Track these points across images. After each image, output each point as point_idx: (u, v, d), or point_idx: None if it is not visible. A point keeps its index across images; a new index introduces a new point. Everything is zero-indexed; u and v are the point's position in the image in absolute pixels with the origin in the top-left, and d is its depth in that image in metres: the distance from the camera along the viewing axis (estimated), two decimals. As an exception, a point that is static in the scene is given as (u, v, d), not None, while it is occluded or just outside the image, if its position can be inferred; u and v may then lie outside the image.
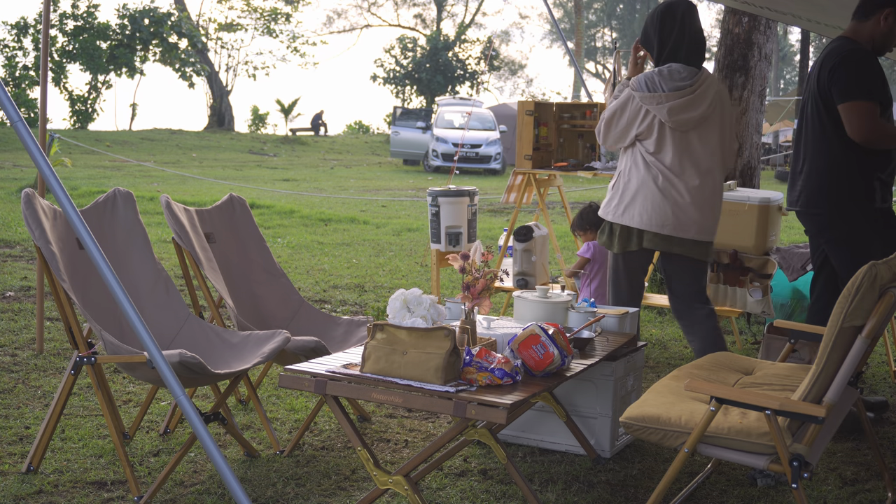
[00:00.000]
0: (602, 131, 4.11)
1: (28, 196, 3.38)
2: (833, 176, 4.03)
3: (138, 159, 20.96)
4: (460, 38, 38.62)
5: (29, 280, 6.99)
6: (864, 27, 4.03)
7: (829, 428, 2.91)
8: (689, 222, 4.03)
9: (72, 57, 29.77)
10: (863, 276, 2.65)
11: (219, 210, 4.27)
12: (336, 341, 4.02)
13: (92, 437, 3.80)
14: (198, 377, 3.24)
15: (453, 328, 2.88)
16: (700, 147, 4.00)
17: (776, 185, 17.98)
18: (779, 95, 38.13)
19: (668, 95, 3.91)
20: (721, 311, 5.55)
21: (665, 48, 3.99)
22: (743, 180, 7.30)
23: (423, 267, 8.34)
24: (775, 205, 5.38)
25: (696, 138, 3.99)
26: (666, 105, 3.90)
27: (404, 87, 38.24)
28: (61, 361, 4.89)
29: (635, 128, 3.99)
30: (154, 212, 10.86)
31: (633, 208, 4.04)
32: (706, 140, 4.01)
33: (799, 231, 11.34)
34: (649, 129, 3.96)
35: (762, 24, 7.23)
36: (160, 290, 3.83)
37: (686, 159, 3.99)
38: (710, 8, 51.99)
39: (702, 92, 3.97)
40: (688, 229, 4.03)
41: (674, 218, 4.00)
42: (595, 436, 3.72)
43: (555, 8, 46.35)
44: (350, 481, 3.45)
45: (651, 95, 3.92)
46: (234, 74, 39.55)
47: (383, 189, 17.27)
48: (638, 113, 3.97)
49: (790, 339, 3.57)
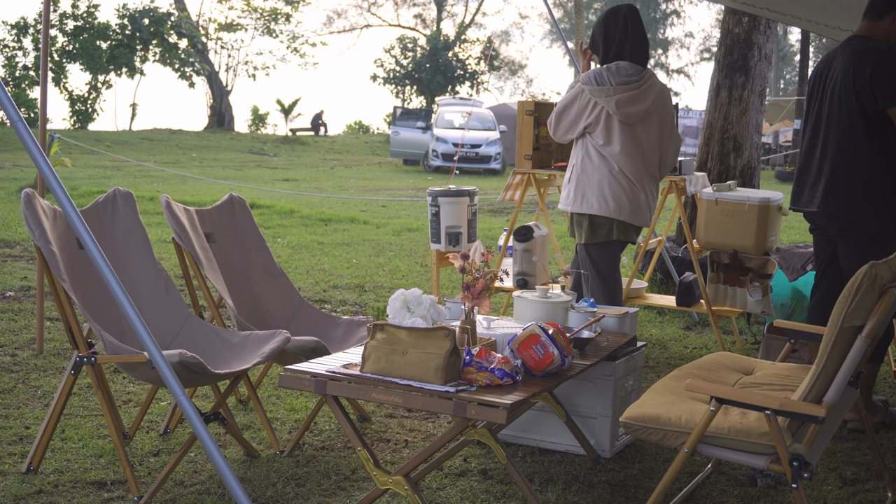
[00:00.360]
0: (553, 123, 4.36)
1: (28, 196, 3.38)
2: (862, 176, 4.02)
3: (138, 159, 20.96)
4: (460, 38, 38.63)
5: (29, 280, 6.99)
6: (879, 26, 4.03)
7: (829, 428, 2.91)
8: (642, 210, 4.31)
9: (72, 57, 29.77)
10: (863, 276, 2.65)
11: (219, 210, 4.27)
12: (336, 341, 4.02)
13: (92, 437, 3.80)
14: (198, 377, 3.24)
15: (453, 328, 2.88)
16: (645, 140, 4.26)
17: (776, 185, 17.97)
18: (779, 95, 38.13)
19: (615, 89, 4.16)
20: (721, 311, 5.55)
21: (610, 49, 4.25)
22: (743, 180, 7.30)
23: (423, 267, 8.34)
24: (775, 205, 5.38)
25: (642, 131, 4.25)
26: (614, 98, 4.14)
27: (404, 87, 38.25)
28: (61, 361, 4.89)
29: (584, 119, 4.23)
30: (154, 212, 10.87)
31: (594, 198, 4.26)
32: (649, 134, 4.28)
33: (799, 231, 11.34)
34: (597, 120, 4.21)
35: (762, 24, 7.23)
36: (160, 290, 3.83)
37: (634, 150, 4.24)
38: (710, 8, 52.03)
39: (647, 88, 4.22)
40: (641, 216, 4.32)
41: (630, 206, 4.26)
42: (595, 436, 3.72)
43: (555, 8, 46.35)
44: (350, 481, 3.45)
45: (600, 88, 4.17)
46: (234, 74, 39.63)
47: (383, 189, 17.27)
48: (587, 105, 4.22)
49: (790, 339, 3.57)
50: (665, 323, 6.29)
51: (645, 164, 4.29)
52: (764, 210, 5.28)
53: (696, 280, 5.74)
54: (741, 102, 7.27)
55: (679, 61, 65.90)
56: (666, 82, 52.78)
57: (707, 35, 50.21)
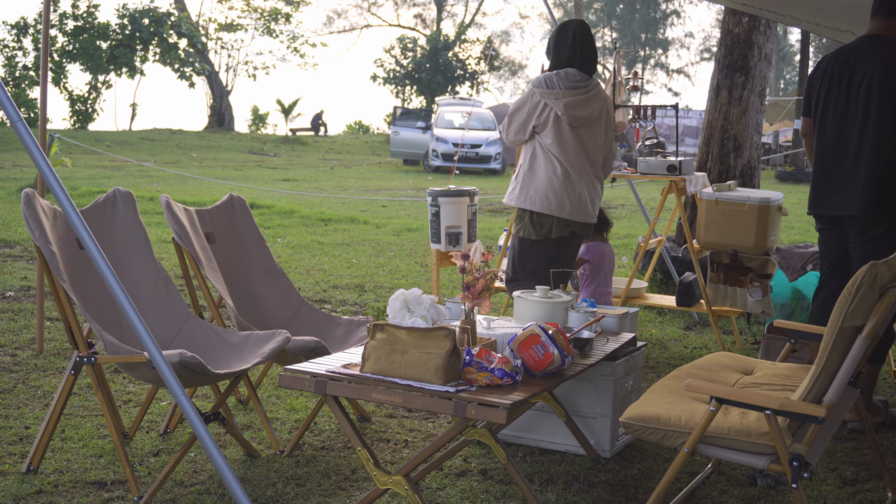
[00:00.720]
0: (505, 125, 4.61)
1: (28, 196, 3.38)
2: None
3: (138, 159, 20.96)
4: (460, 38, 38.62)
5: (29, 280, 7.00)
6: (894, 24, 4.03)
7: (829, 428, 2.91)
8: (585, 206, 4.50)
9: (72, 57, 29.77)
10: (863, 276, 2.65)
11: (219, 210, 4.27)
12: (336, 341, 4.02)
13: (92, 437, 3.80)
14: (198, 377, 3.24)
15: (453, 328, 2.88)
16: (589, 144, 4.49)
17: (776, 185, 17.97)
18: (779, 95, 38.13)
19: (564, 92, 4.41)
20: (721, 311, 5.55)
21: (561, 60, 4.53)
22: (743, 180, 7.31)
23: (423, 267, 8.34)
24: (775, 205, 5.38)
25: (586, 135, 4.48)
26: (563, 100, 4.40)
27: (404, 87, 38.25)
28: (61, 361, 4.89)
29: (533, 119, 4.46)
30: (154, 212, 10.87)
31: (537, 195, 4.45)
32: (594, 139, 4.52)
33: (799, 231, 11.35)
34: (546, 121, 4.43)
35: (762, 24, 7.23)
36: (160, 290, 3.83)
37: (580, 152, 4.46)
38: (710, 8, 52.03)
39: (593, 95, 4.49)
40: (584, 212, 4.50)
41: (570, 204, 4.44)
42: (595, 436, 3.72)
43: (555, 8, 46.33)
44: (350, 481, 3.45)
45: (550, 91, 4.43)
46: (234, 74, 39.62)
47: (383, 189, 17.27)
48: (536, 107, 4.46)
49: (790, 339, 3.56)
50: (665, 323, 6.29)
51: (590, 164, 4.52)
52: (764, 210, 5.28)
53: (696, 280, 5.74)
54: (741, 102, 7.28)
55: (679, 61, 65.93)
56: (666, 82, 52.52)
57: (707, 35, 50.22)
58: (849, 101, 4.08)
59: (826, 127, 4.18)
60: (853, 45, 4.15)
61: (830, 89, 4.15)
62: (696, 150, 8.63)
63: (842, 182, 4.11)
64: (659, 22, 48.88)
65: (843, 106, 4.10)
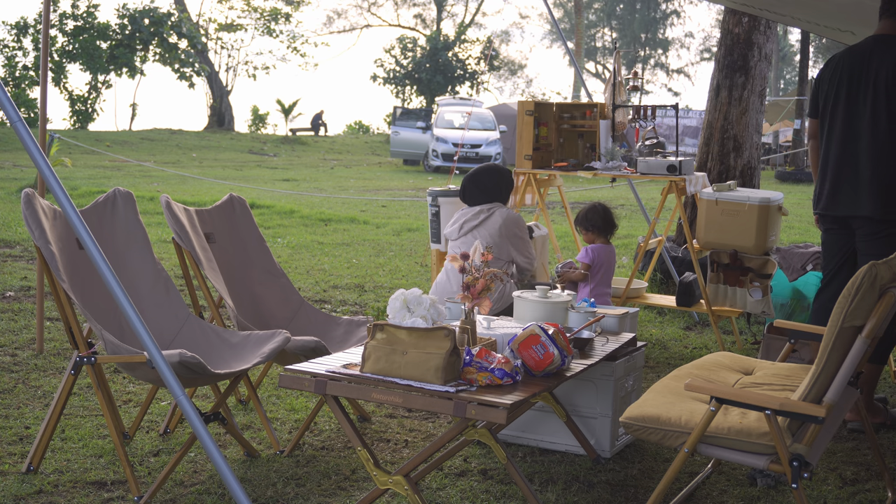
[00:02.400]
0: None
1: (28, 196, 3.38)
2: None
3: (138, 159, 20.96)
4: (460, 38, 38.61)
5: (29, 280, 6.99)
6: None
7: (829, 428, 2.91)
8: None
9: (72, 57, 29.77)
10: (863, 276, 2.65)
11: (219, 210, 4.27)
12: (336, 341, 4.02)
13: (92, 437, 3.80)
14: (198, 377, 3.24)
15: (453, 328, 2.88)
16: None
17: (776, 185, 17.96)
18: (779, 95, 38.11)
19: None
20: (721, 311, 5.55)
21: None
22: (743, 180, 7.30)
23: (423, 267, 8.34)
24: (775, 205, 5.38)
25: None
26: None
27: (404, 87, 38.23)
28: (61, 361, 4.89)
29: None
30: (154, 212, 10.87)
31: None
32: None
33: (799, 231, 11.34)
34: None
35: (762, 24, 7.23)
36: (160, 290, 3.83)
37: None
38: (710, 8, 52.03)
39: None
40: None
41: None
42: (595, 436, 3.72)
43: (555, 8, 46.34)
44: (350, 481, 3.45)
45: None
46: (234, 74, 39.57)
47: (383, 189, 17.27)
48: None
49: (790, 339, 3.56)
50: (665, 323, 6.29)
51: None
52: (764, 210, 5.28)
53: (696, 280, 5.74)
54: (741, 102, 7.27)
55: (679, 61, 65.93)
56: (666, 82, 52.54)
57: (707, 35, 50.21)
58: (858, 101, 4.07)
59: (835, 127, 4.16)
60: (862, 45, 4.13)
61: (839, 90, 4.12)
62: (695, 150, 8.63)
63: (853, 182, 4.10)
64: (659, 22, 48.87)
65: (853, 106, 4.09)
